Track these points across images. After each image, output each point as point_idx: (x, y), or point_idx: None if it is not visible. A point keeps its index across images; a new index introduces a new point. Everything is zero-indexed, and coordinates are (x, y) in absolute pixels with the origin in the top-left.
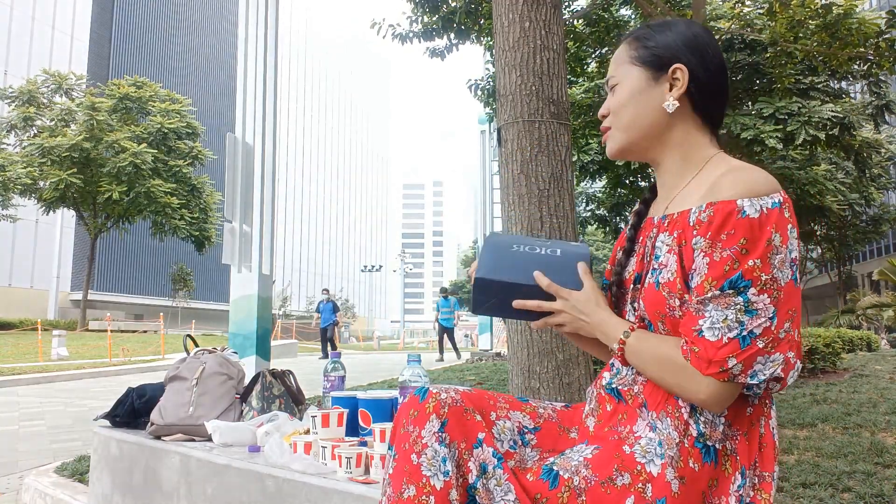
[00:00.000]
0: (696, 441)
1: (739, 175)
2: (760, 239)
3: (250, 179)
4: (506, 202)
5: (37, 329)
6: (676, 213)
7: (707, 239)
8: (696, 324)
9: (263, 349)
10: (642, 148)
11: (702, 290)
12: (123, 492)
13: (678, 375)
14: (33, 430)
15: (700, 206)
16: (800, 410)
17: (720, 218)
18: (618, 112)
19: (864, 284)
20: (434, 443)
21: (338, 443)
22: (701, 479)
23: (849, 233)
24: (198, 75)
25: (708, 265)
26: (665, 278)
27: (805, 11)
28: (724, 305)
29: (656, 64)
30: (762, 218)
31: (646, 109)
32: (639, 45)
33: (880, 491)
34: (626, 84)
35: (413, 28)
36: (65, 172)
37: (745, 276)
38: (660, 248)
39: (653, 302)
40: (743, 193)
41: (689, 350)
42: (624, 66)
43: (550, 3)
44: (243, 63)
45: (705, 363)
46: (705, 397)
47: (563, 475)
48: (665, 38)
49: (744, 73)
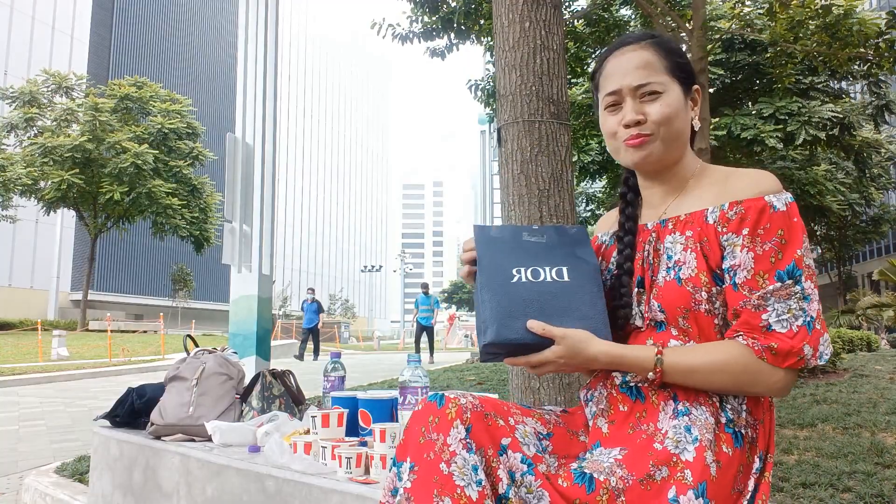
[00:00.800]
0: (727, 427)
1: (750, 176)
2: (795, 230)
3: (250, 180)
4: (506, 202)
5: (37, 329)
6: (684, 215)
7: (746, 235)
8: (761, 319)
9: (263, 349)
10: (671, 159)
11: (756, 285)
12: (123, 492)
13: (753, 376)
14: (33, 431)
15: (721, 205)
16: (800, 410)
17: (754, 214)
18: (665, 123)
19: (864, 284)
20: (462, 450)
21: (338, 443)
22: (733, 465)
23: (849, 233)
24: (198, 75)
25: (754, 259)
26: (686, 274)
27: (805, 11)
28: (785, 296)
29: (686, 80)
30: (789, 210)
31: (685, 124)
32: (671, 58)
33: (880, 491)
34: (672, 96)
35: (413, 28)
36: (67, 173)
37: (798, 265)
38: (671, 249)
39: (675, 298)
40: (765, 190)
41: (764, 349)
42: (664, 76)
43: (550, 3)
44: (243, 63)
45: (783, 357)
46: (783, 387)
47: (598, 478)
48: (678, 52)
49: (744, 73)
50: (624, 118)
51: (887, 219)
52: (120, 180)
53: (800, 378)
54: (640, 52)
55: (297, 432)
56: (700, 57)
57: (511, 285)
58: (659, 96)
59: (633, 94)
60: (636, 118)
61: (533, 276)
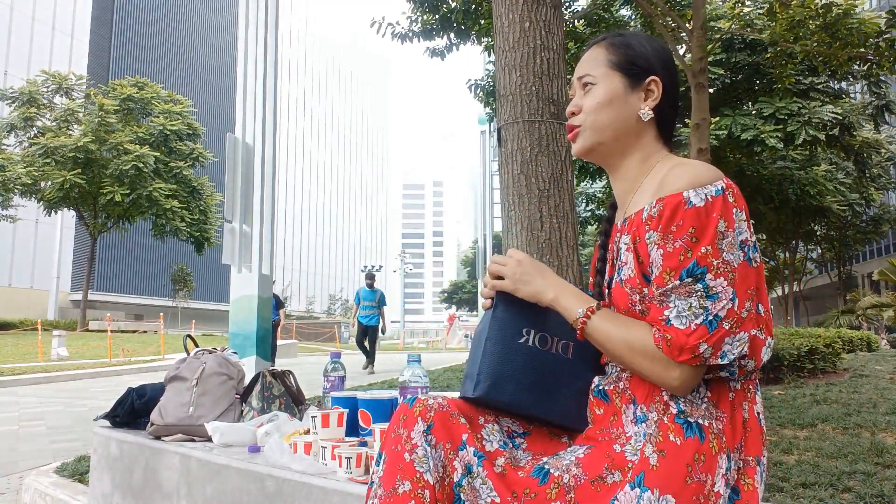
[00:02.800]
0: (677, 417)
1: (683, 169)
2: (708, 226)
3: (250, 180)
4: (506, 202)
5: (37, 329)
6: (633, 214)
7: (659, 232)
8: (662, 314)
9: (263, 349)
10: (609, 151)
11: (662, 282)
12: (123, 492)
13: (650, 362)
14: (33, 431)
15: (650, 202)
16: (800, 410)
17: (669, 210)
18: (594, 112)
19: (864, 284)
20: (423, 443)
21: (338, 443)
22: (684, 453)
23: (849, 233)
24: (198, 75)
25: (663, 256)
26: (626, 275)
27: (805, 11)
28: (686, 294)
29: (635, 73)
30: (707, 206)
31: (622, 114)
32: (619, 52)
33: (880, 491)
34: (604, 87)
35: (413, 27)
36: (69, 173)
37: (700, 262)
38: (620, 249)
39: (619, 300)
40: (688, 185)
41: (661, 338)
42: (602, 68)
43: (550, 3)
44: (243, 63)
45: (677, 351)
46: (678, 384)
47: (553, 473)
48: (643, 50)
49: (744, 73)
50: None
51: (887, 219)
52: (121, 181)
53: (799, 378)
54: (593, 50)
55: (297, 432)
56: (700, 57)
57: (516, 345)
58: (592, 87)
59: (579, 84)
60: (571, 110)
61: (540, 343)
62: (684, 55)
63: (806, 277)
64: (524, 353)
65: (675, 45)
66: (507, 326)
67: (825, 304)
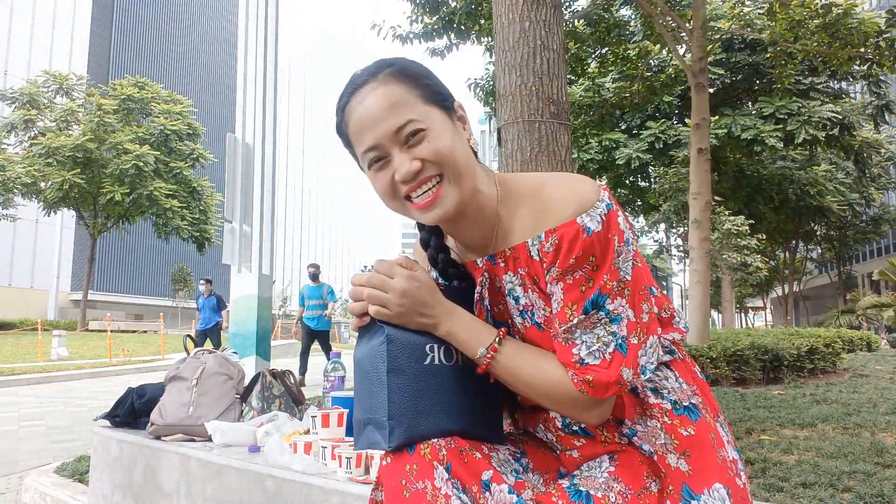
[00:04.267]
0: (675, 409)
1: (564, 190)
2: (607, 250)
3: (250, 179)
4: None
5: (37, 329)
6: (509, 250)
7: (557, 267)
8: (572, 354)
9: (263, 349)
10: (470, 196)
11: (564, 317)
12: (123, 492)
13: (569, 406)
14: (33, 431)
15: (538, 236)
16: (800, 410)
17: (567, 243)
18: (445, 162)
19: (864, 284)
20: (453, 491)
21: (338, 443)
22: (703, 439)
23: (849, 233)
24: (198, 75)
25: (563, 290)
26: (541, 317)
27: (805, 11)
28: (591, 325)
29: (446, 103)
30: (604, 227)
31: (464, 152)
32: (418, 84)
33: (880, 491)
34: (437, 128)
35: (413, 29)
36: (69, 173)
37: (603, 291)
38: (513, 290)
39: (541, 343)
40: (578, 209)
41: (581, 382)
42: (418, 106)
43: (550, 3)
44: (243, 63)
45: (602, 388)
46: (598, 420)
47: (595, 494)
48: (426, 70)
49: (744, 73)
50: (398, 173)
51: (887, 219)
52: (121, 181)
53: (799, 378)
54: (383, 90)
55: (297, 432)
56: (700, 57)
57: (424, 368)
58: (424, 134)
59: (395, 140)
60: (413, 168)
61: (446, 358)
62: (684, 55)
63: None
64: (434, 376)
65: (675, 45)
66: (407, 350)
67: (825, 304)
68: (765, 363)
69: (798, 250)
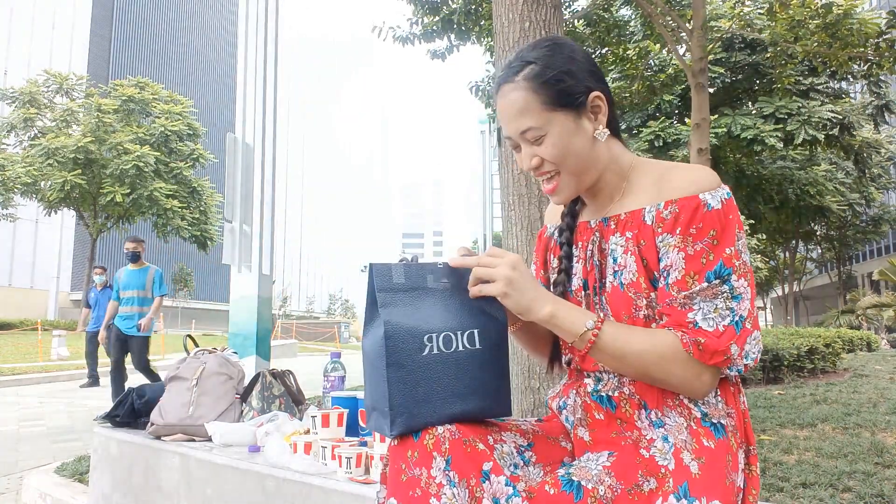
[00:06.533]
0: (703, 421)
1: (685, 171)
2: (728, 228)
3: (250, 179)
4: (506, 202)
5: (37, 329)
6: (624, 214)
7: (677, 235)
8: (687, 317)
9: (263, 349)
10: (592, 180)
11: (685, 285)
12: (123, 492)
13: (681, 368)
14: (33, 431)
15: (657, 204)
16: (800, 410)
17: (688, 213)
18: (560, 161)
19: (864, 284)
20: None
21: (338, 443)
22: (720, 456)
23: (849, 233)
24: (198, 75)
25: (685, 259)
26: (628, 279)
27: (805, 11)
28: (712, 296)
29: (573, 102)
30: (724, 208)
31: (584, 148)
32: (547, 90)
33: (880, 491)
34: (555, 133)
35: (413, 30)
36: (69, 173)
37: (726, 264)
38: (615, 251)
39: (620, 304)
40: (702, 188)
41: (691, 342)
42: (539, 114)
43: (550, 3)
44: (243, 63)
45: (709, 354)
46: (707, 388)
47: (586, 486)
48: (567, 71)
49: (744, 72)
50: (523, 165)
51: (887, 219)
52: (121, 181)
53: (800, 378)
54: (516, 95)
55: (297, 432)
56: (700, 57)
57: (422, 359)
58: (543, 138)
59: (523, 139)
60: (532, 164)
61: (445, 346)
62: (684, 55)
63: (806, 277)
64: (433, 365)
65: (676, 45)
66: (404, 343)
67: (825, 304)
68: (765, 363)
69: (798, 250)
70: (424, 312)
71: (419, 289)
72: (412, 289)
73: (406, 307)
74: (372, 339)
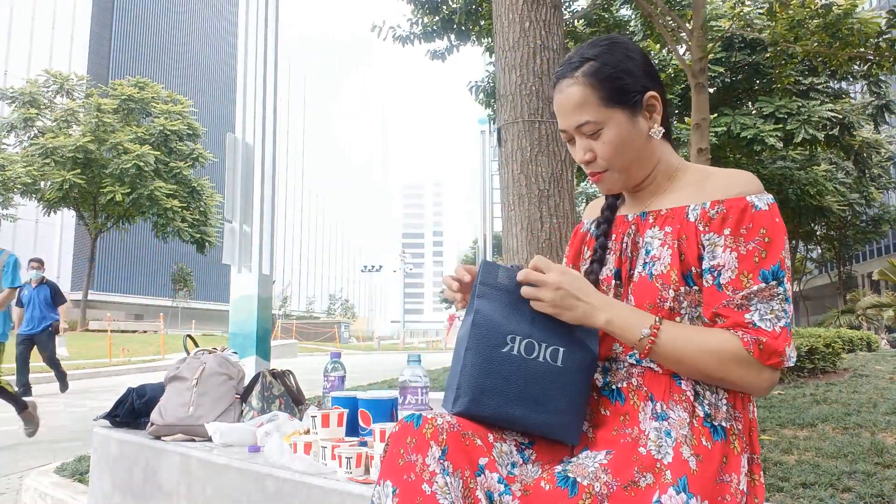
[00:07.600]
0: (705, 421)
1: (733, 175)
2: (778, 230)
3: (250, 179)
4: (506, 202)
5: None
6: (665, 210)
7: (728, 235)
8: (745, 317)
9: (263, 349)
10: (639, 178)
11: (739, 285)
12: (123, 492)
13: (744, 368)
14: None
15: (702, 203)
16: (800, 410)
17: (736, 214)
18: (613, 157)
19: (864, 284)
20: (441, 470)
21: (338, 443)
22: (715, 458)
23: (849, 233)
24: (198, 75)
25: (737, 259)
26: (658, 270)
27: (805, 11)
28: (769, 297)
29: (630, 100)
30: (772, 210)
31: (638, 145)
32: (607, 86)
33: (880, 491)
34: (611, 128)
35: (413, 30)
36: (69, 173)
37: (782, 266)
38: (650, 243)
39: (644, 293)
40: (747, 191)
41: (752, 342)
42: (598, 110)
43: (550, 3)
44: (243, 63)
45: (768, 354)
46: (767, 386)
47: (581, 482)
48: (626, 70)
49: (744, 72)
50: (575, 156)
51: (887, 219)
52: (121, 181)
53: (799, 378)
54: (574, 90)
55: (297, 432)
56: (700, 57)
57: (500, 355)
58: (600, 133)
59: (578, 132)
60: (585, 158)
61: (526, 352)
62: (684, 55)
63: (806, 277)
64: (508, 364)
65: (676, 45)
66: (488, 335)
67: (825, 304)
68: None
69: (798, 250)
70: (517, 316)
71: (517, 295)
72: (513, 292)
73: (500, 305)
74: (464, 326)
